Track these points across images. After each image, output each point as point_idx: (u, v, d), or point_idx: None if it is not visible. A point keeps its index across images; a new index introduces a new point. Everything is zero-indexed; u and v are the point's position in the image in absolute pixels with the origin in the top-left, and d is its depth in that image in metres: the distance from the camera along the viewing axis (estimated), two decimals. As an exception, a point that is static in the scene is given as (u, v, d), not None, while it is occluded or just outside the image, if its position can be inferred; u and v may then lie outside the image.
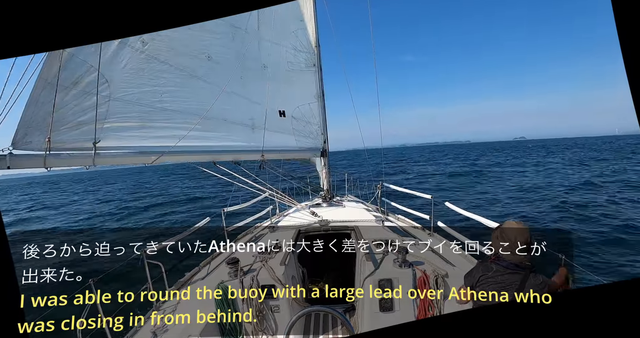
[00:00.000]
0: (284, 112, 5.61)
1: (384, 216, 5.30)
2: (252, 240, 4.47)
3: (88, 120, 3.11)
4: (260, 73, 5.22)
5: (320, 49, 6.07)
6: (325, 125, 6.25)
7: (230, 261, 3.10)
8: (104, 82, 3.26)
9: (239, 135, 4.81)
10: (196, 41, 4.22)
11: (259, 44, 5.15)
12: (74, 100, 3.02)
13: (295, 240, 3.93)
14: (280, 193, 5.56)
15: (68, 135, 3.00)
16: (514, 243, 1.88)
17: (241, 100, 4.89)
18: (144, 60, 3.63)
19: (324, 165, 6.48)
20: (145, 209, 14.08)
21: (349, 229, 4.28)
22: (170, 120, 3.88)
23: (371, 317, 2.92)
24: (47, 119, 2.81)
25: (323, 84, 6.16)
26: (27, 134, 2.76)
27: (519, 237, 1.87)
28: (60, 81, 2.84)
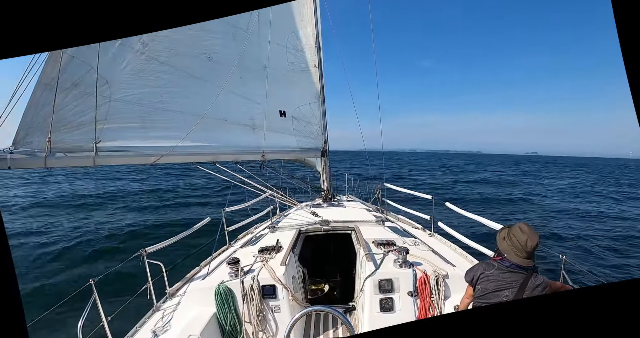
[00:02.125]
0: (284, 112, 5.61)
1: (385, 216, 5.29)
2: (252, 240, 4.47)
3: (88, 121, 3.11)
4: (261, 73, 5.22)
5: (320, 49, 6.06)
6: (325, 125, 6.24)
7: (231, 261, 3.10)
8: (104, 83, 3.26)
9: (239, 136, 4.81)
10: (196, 41, 4.23)
11: (259, 44, 5.15)
12: (74, 101, 3.02)
13: (296, 240, 3.92)
14: (280, 194, 5.56)
15: (68, 135, 3.00)
16: (525, 247, 1.86)
17: (241, 100, 4.89)
18: (144, 61, 3.64)
19: (324, 166, 6.48)
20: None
21: (349, 229, 4.27)
22: (171, 121, 3.88)
23: (371, 317, 2.91)
24: (48, 120, 2.81)
25: (324, 84, 6.16)
26: (28, 135, 2.76)
27: (530, 242, 1.86)
28: (60, 82, 2.85)
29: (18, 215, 12.86)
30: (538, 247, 1.87)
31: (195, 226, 3.94)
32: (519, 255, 1.89)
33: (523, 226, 1.93)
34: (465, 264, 3.44)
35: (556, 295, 0.46)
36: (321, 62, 6.10)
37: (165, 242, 3.27)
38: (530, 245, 1.85)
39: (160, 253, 3.09)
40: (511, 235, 1.94)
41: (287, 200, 5.72)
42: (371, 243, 3.67)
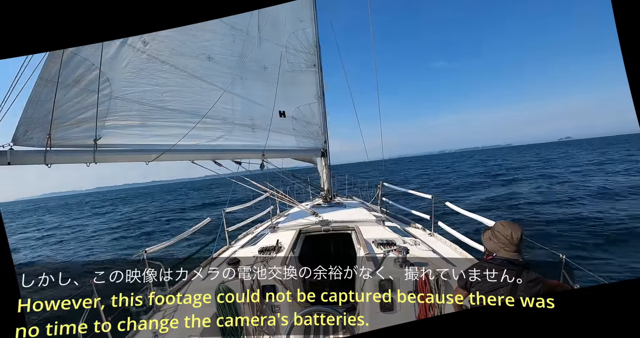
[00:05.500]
0: (284, 112, 5.61)
1: (385, 216, 5.29)
2: (252, 241, 4.47)
3: (89, 118, 3.12)
4: (261, 73, 5.23)
5: (320, 49, 6.07)
6: (325, 125, 6.24)
7: (231, 261, 3.10)
8: (105, 80, 3.27)
9: (239, 135, 4.81)
10: (197, 41, 4.23)
11: (259, 45, 5.16)
12: (75, 97, 3.03)
13: (296, 240, 3.92)
14: (280, 194, 5.56)
15: (69, 132, 3.01)
16: (512, 240, 1.94)
17: (241, 100, 4.90)
18: (145, 60, 3.64)
19: (325, 166, 6.48)
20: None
21: (349, 229, 4.28)
22: (171, 119, 3.89)
23: (372, 317, 2.91)
24: (48, 116, 2.82)
25: (323, 85, 6.17)
26: (28, 131, 2.77)
27: (515, 234, 1.94)
28: (61, 79, 2.85)
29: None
30: (523, 237, 1.96)
31: (195, 226, 3.94)
32: (508, 249, 1.96)
33: (503, 222, 2.03)
34: (465, 264, 3.44)
35: (556, 295, 0.46)
36: (320, 62, 6.11)
37: (165, 242, 3.27)
38: (515, 237, 1.94)
39: (160, 253, 3.09)
40: (495, 233, 2.02)
41: (287, 200, 5.72)
42: (371, 243, 3.68)
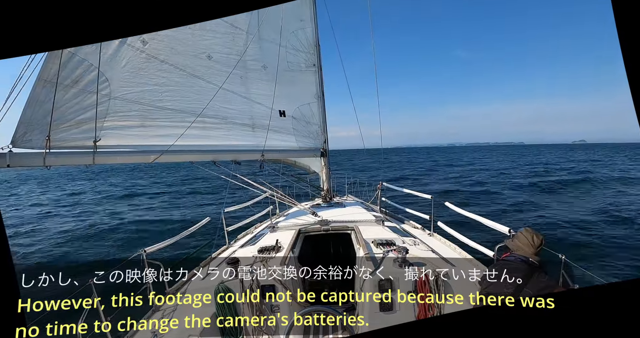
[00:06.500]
0: (284, 112, 5.61)
1: (384, 216, 5.30)
2: (252, 240, 4.47)
3: (88, 119, 3.11)
4: (260, 73, 5.23)
5: (320, 49, 6.07)
6: (325, 125, 6.24)
7: (230, 261, 3.10)
8: (104, 80, 3.26)
9: (239, 135, 4.82)
10: (196, 41, 4.22)
11: (259, 44, 5.15)
12: (73, 98, 3.02)
13: (295, 240, 3.92)
14: (280, 194, 5.55)
15: (68, 133, 3.00)
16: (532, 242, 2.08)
17: (241, 99, 4.89)
18: (144, 59, 3.63)
19: (324, 166, 6.48)
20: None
21: (349, 229, 4.28)
22: (171, 119, 3.89)
23: (371, 317, 2.92)
24: (47, 117, 2.81)
25: (323, 84, 6.17)
26: (27, 132, 2.76)
27: (536, 238, 2.09)
28: (60, 79, 2.84)
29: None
30: (543, 244, 2.10)
31: (195, 226, 3.94)
32: (527, 250, 2.09)
33: (528, 228, 2.20)
34: (465, 264, 3.45)
35: (556, 295, 0.46)
36: (320, 62, 6.10)
37: (165, 242, 3.27)
38: (536, 241, 2.07)
39: (159, 253, 3.09)
40: (519, 234, 2.18)
41: (286, 200, 5.72)
42: (371, 243, 3.68)
